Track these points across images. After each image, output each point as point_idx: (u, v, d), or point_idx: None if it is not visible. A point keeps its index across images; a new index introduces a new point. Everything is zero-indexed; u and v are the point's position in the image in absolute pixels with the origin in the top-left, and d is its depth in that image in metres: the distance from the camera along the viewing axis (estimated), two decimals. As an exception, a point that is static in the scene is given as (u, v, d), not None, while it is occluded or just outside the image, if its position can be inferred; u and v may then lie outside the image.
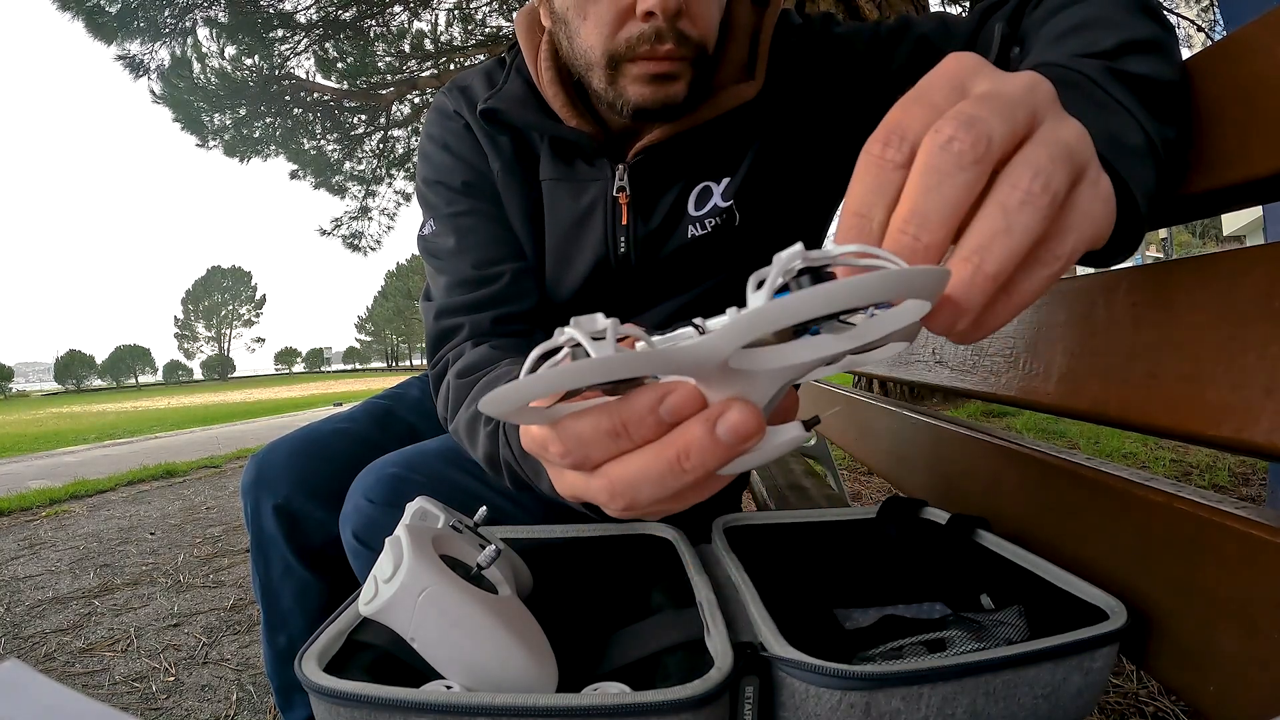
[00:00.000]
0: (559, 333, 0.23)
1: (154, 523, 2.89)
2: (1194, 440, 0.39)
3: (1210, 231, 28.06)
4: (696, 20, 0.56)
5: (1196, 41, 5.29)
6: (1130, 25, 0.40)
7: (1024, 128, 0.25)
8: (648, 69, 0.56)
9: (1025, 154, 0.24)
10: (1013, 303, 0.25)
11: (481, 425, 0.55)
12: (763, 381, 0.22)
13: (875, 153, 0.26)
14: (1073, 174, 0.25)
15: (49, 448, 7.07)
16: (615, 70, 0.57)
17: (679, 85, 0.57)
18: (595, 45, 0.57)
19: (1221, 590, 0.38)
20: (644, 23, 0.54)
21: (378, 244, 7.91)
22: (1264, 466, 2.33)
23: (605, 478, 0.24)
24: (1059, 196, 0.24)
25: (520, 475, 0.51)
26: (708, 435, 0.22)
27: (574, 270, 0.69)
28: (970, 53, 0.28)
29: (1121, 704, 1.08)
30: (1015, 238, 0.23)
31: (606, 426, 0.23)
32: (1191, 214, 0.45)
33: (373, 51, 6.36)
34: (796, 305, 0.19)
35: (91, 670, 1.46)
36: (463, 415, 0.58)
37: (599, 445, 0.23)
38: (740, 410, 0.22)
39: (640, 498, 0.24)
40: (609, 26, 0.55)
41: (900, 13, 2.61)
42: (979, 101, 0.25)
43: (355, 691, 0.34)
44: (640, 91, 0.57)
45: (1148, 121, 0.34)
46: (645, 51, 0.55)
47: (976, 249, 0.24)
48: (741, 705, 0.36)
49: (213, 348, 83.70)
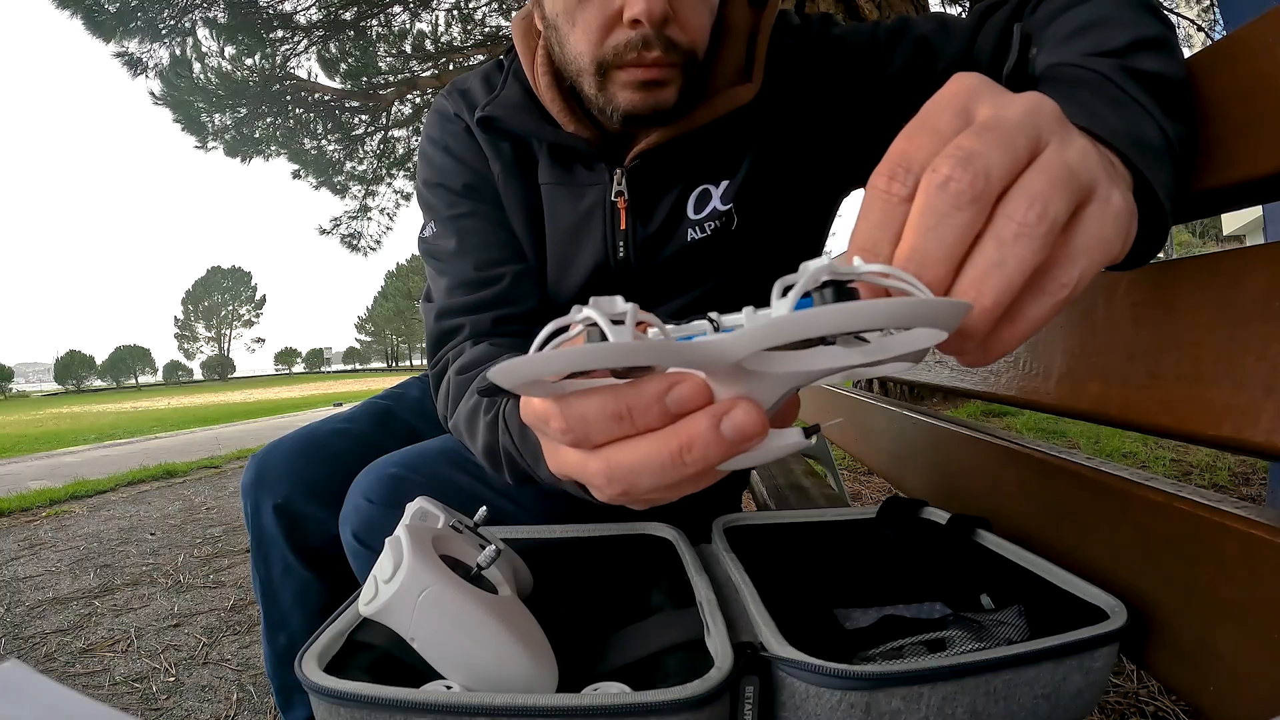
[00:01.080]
0: (576, 309, 0.23)
1: (154, 523, 2.89)
2: (1194, 440, 0.39)
3: (1210, 231, 28.05)
4: (685, 26, 0.56)
5: (1196, 41, 5.29)
6: (1138, 24, 0.40)
7: (1026, 153, 0.25)
8: (635, 76, 0.56)
9: (1024, 182, 0.24)
10: (1018, 330, 0.25)
11: (481, 416, 0.55)
12: (770, 383, 0.23)
13: (881, 187, 0.26)
14: (1076, 196, 0.25)
15: (49, 448, 7.07)
16: (604, 77, 0.57)
17: (668, 91, 0.57)
18: (584, 52, 0.57)
19: (1221, 590, 0.38)
20: (631, 30, 0.54)
21: (377, 244, 7.91)
22: (1264, 466, 2.34)
23: (604, 460, 0.24)
24: (1058, 222, 0.24)
25: (519, 464, 0.51)
26: (712, 431, 0.22)
27: (574, 274, 0.69)
28: (974, 73, 0.28)
29: (1121, 704, 1.08)
30: (1010, 271, 0.23)
31: (611, 409, 0.23)
32: (1191, 214, 0.45)
33: (373, 52, 6.36)
34: (823, 320, 0.19)
35: (92, 670, 1.46)
36: (463, 409, 0.58)
37: (601, 426, 0.23)
38: (746, 410, 0.22)
39: (638, 485, 0.24)
40: (596, 34, 0.55)
41: (900, 13, 2.61)
42: (978, 133, 0.25)
43: (355, 692, 0.34)
44: (629, 98, 0.57)
45: (1163, 119, 0.34)
46: (633, 59, 0.55)
47: (973, 283, 0.24)
48: (741, 705, 0.36)
49: (213, 348, 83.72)
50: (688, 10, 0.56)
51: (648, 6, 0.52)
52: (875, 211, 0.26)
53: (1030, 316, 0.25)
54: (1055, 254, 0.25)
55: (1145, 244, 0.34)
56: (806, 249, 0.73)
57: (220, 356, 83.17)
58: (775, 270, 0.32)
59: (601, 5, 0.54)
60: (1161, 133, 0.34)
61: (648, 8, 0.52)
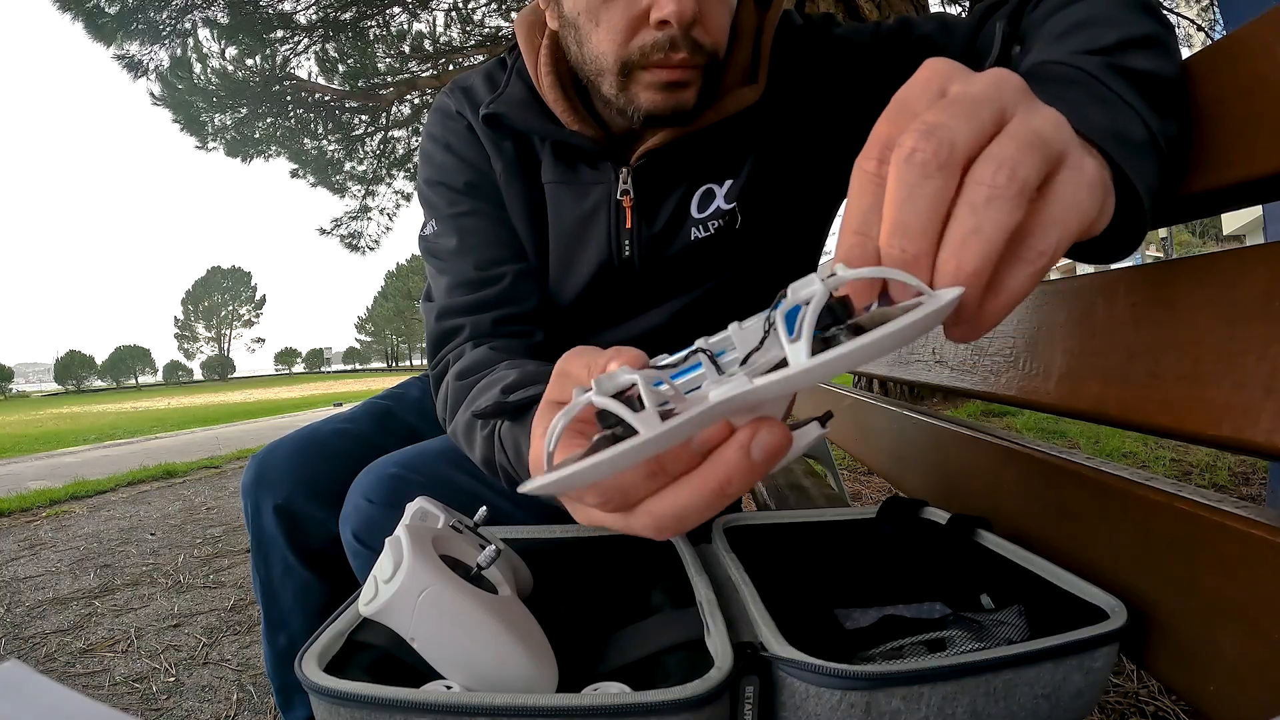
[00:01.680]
0: (578, 391, 0.24)
1: (154, 523, 2.89)
2: (1194, 440, 0.39)
3: (1210, 231, 28.06)
4: (710, 28, 0.56)
5: (1196, 41, 5.28)
6: (1131, 22, 0.40)
7: (992, 124, 0.25)
8: (660, 77, 0.56)
9: (991, 149, 0.25)
10: (1002, 301, 0.25)
11: (479, 429, 0.55)
12: (779, 398, 0.23)
13: (869, 170, 0.26)
14: (1047, 161, 0.25)
15: (49, 448, 7.07)
16: (627, 77, 0.57)
17: (689, 92, 0.57)
18: (608, 52, 0.56)
19: (1221, 590, 0.37)
20: (658, 31, 0.54)
21: (376, 244, 7.91)
22: (1264, 466, 2.33)
23: (648, 515, 0.25)
24: (1028, 184, 0.24)
25: (517, 481, 0.51)
26: (744, 460, 0.22)
27: (578, 273, 0.69)
28: (944, 58, 0.28)
29: (1121, 704, 1.08)
30: (987, 235, 0.24)
31: (644, 469, 0.24)
32: (1191, 214, 0.45)
33: (373, 52, 6.36)
34: (844, 363, 0.20)
35: (92, 671, 1.46)
36: (461, 417, 0.58)
37: (638, 488, 0.24)
38: (770, 431, 0.22)
39: (684, 526, 0.25)
40: (622, 34, 0.55)
41: (900, 13, 2.61)
42: (942, 107, 0.25)
43: (355, 692, 0.34)
44: (652, 98, 0.57)
45: (1150, 116, 0.34)
46: (659, 60, 0.55)
47: (954, 252, 0.24)
48: (741, 705, 0.36)
49: (213, 348, 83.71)
50: (712, 12, 0.55)
51: (679, 8, 0.52)
52: (864, 195, 0.26)
53: (1012, 286, 0.25)
54: (1030, 221, 0.25)
55: (1124, 237, 0.34)
56: (809, 247, 0.73)
57: (220, 356, 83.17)
58: (778, 268, 0.32)
59: (627, 5, 0.54)
60: (1146, 129, 0.34)
61: (679, 9, 0.52)
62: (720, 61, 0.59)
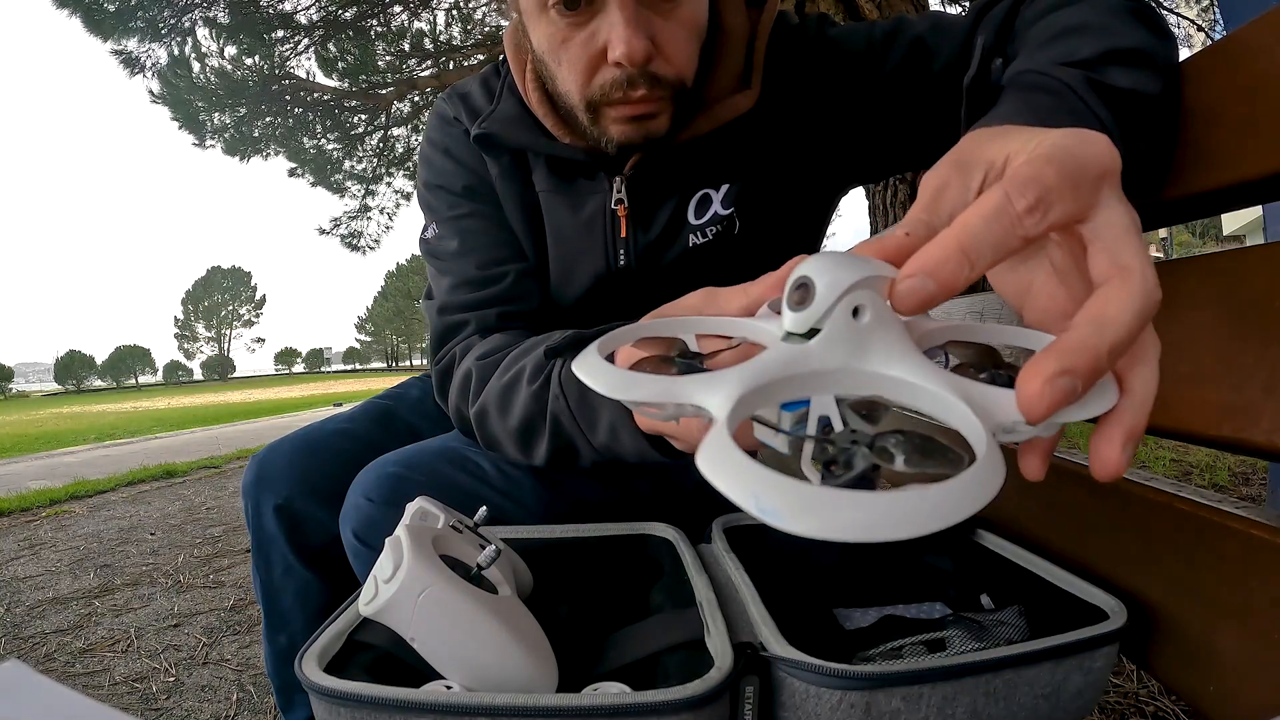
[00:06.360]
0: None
1: (154, 523, 2.89)
2: (1194, 440, 0.39)
3: (1210, 231, 28.05)
4: (670, 59, 0.56)
5: (1196, 41, 5.28)
6: (1118, 33, 0.40)
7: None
8: (624, 112, 0.57)
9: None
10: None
11: (524, 385, 0.55)
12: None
13: (1018, 210, 0.24)
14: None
15: (49, 448, 7.07)
16: (595, 113, 0.58)
17: (660, 120, 0.58)
18: (572, 90, 0.57)
19: (1221, 590, 0.38)
20: (616, 69, 0.54)
21: (376, 243, 7.90)
22: (1264, 466, 2.33)
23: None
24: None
25: (566, 431, 0.52)
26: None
27: (577, 280, 0.69)
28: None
29: (1121, 704, 1.08)
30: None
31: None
32: (1191, 214, 0.45)
33: (373, 51, 6.36)
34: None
35: (91, 670, 1.46)
36: (494, 386, 0.58)
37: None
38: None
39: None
40: (582, 74, 0.56)
41: (899, 12, 2.61)
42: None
43: (355, 691, 0.34)
44: (623, 130, 0.58)
45: (1119, 138, 0.35)
46: (619, 97, 0.55)
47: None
48: (741, 705, 0.36)
49: (213, 348, 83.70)
50: (671, 44, 0.55)
51: (628, 50, 0.52)
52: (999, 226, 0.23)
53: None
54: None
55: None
56: (806, 247, 0.73)
57: (220, 356, 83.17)
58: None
59: (584, 44, 0.54)
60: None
61: (628, 50, 0.52)
62: (689, 87, 0.59)
